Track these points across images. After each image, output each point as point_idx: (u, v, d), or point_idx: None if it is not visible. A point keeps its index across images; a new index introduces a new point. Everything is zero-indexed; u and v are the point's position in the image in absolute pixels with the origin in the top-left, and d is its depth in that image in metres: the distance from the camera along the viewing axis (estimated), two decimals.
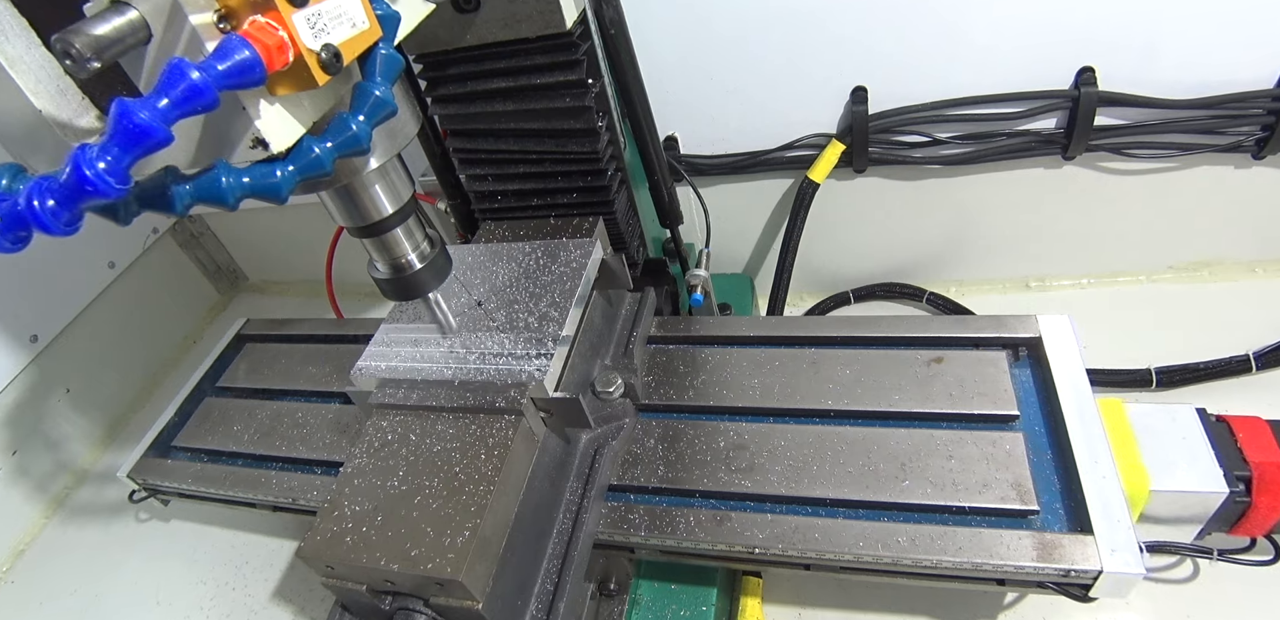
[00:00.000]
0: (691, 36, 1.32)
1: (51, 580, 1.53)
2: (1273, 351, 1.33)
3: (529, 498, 0.85)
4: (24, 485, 1.63)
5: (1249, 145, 1.30)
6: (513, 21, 0.91)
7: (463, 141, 1.07)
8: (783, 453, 0.96)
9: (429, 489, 0.80)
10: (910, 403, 0.99)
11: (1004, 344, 1.05)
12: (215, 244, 2.19)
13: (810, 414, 1.02)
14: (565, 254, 1.03)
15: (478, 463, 0.81)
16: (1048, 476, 0.90)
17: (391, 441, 0.86)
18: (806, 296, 1.76)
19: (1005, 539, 0.83)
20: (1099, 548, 0.80)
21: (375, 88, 0.58)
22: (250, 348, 1.46)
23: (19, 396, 1.61)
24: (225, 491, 1.18)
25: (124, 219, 0.52)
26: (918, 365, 1.03)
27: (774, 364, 1.08)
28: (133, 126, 0.42)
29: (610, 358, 1.08)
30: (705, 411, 1.05)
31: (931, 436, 0.94)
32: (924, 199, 1.51)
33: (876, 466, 0.92)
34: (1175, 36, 1.20)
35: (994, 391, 0.98)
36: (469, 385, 0.88)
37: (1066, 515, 0.86)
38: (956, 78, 1.30)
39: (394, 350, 0.96)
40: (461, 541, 0.74)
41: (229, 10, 0.48)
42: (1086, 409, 0.93)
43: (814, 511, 0.91)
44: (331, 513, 0.81)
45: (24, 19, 0.50)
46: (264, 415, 1.28)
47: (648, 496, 0.97)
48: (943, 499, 0.88)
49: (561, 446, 0.95)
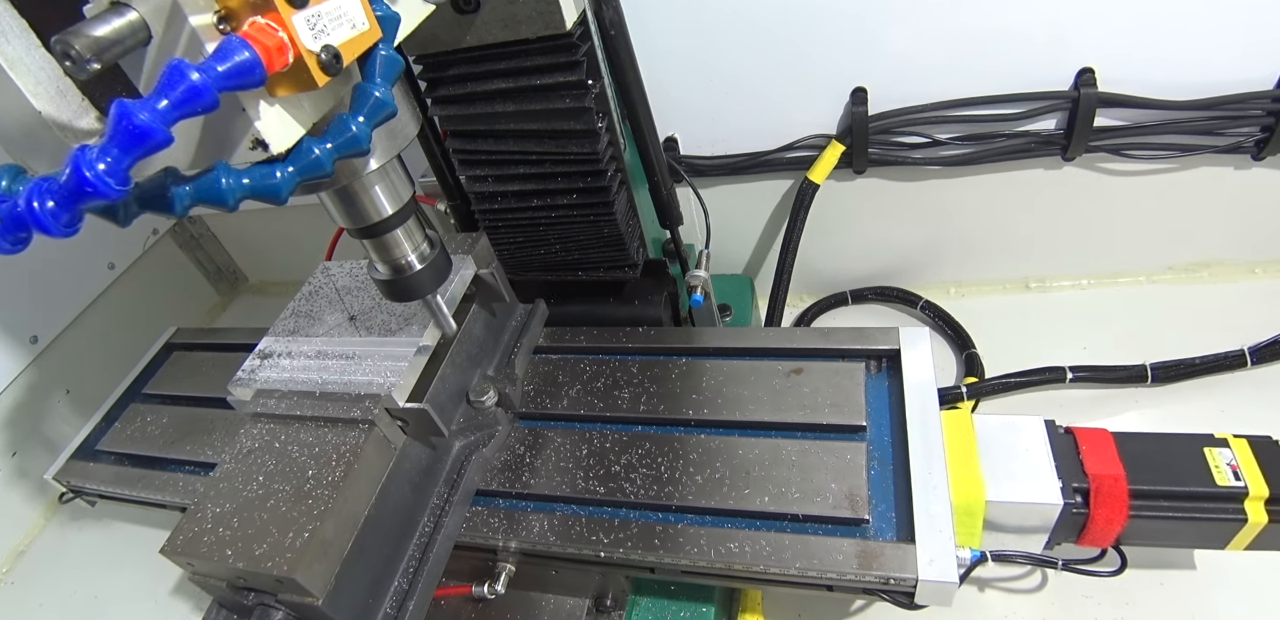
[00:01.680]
0: (691, 37, 1.32)
1: (51, 581, 1.53)
2: (1268, 347, 1.33)
3: (385, 501, 0.89)
4: (23, 487, 1.63)
5: (1248, 146, 1.30)
6: (512, 22, 0.91)
7: (462, 142, 1.07)
8: (639, 460, 1.00)
9: (281, 493, 0.85)
10: (765, 412, 1.02)
11: (865, 356, 1.08)
12: (215, 245, 2.19)
13: (673, 423, 1.05)
14: None
15: (328, 469, 0.86)
16: (886, 487, 0.93)
17: (258, 448, 0.91)
18: (806, 297, 1.76)
19: (833, 547, 0.85)
20: (918, 557, 0.82)
21: (375, 89, 0.58)
22: (177, 356, 1.52)
23: (19, 397, 1.61)
24: (139, 493, 1.23)
25: (124, 220, 0.52)
26: (778, 376, 1.06)
27: (648, 374, 1.12)
28: (132, 128, 0.42)
29: (493, 368, 1.11)
30: (578, 419, 1.09)
31: (779, 446, 0.97)
32: (924, 200, 1.51)
33: (723, 474, 0.96)
34: (1175, 37, 1.20)
35: (846, 402, 1.01)
36: (330, 396, 0.93)
37: (897, 525, 0.88)
38: (956, 79, 1.30)
39: (272, 361, 1.01)
40: (300, 542, 0.78)
41: (229, 11, 0.48)
42: (930, 420, 0.95)
43: (662, 517, 0.95)
44: (195, 514, 0.85)
45: (24, 20, 0.50)
46: (181, 421, 1.34)
47: (512, 501, 1.02)
48: (779, 507, 0.91)
49: (428, 453, 0.99)
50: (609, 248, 1.16)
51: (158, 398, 1.44)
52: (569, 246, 1.17)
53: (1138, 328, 1.49)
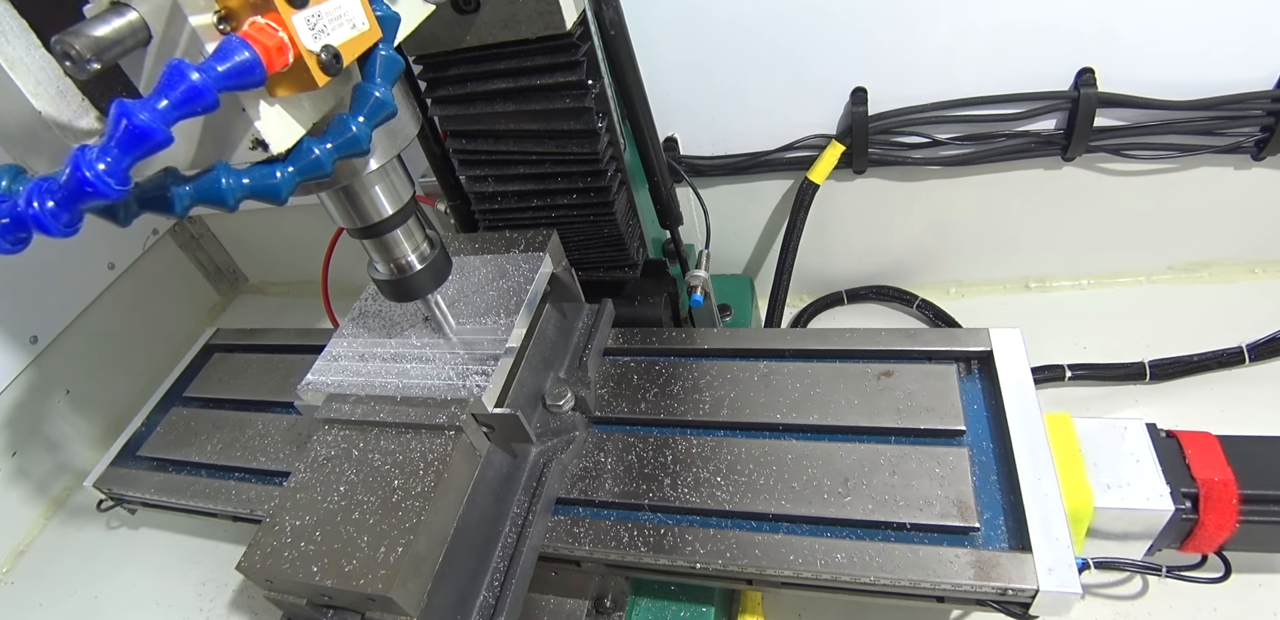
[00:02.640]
0: (691, 38, 1.32)
1: (51, 582, 1.53)
2: (1266, 344, 1.33)
3: (471, 512, 0.86)
4: (24, 486, 1.63)
5: (1248, 146, 1.30)
6: (512, 22, 0.91)
7: (462, 142, 1.07)
8: (729, 467, 0.96)
9: (367, 504, 0.81)
10: (857, 417, 0.99)
11: (955, 358, 1.04)
12: (215, 245, 2.19)
13: (759, 427, 1.02)
14: (514, 268, 1.04)
15: (415, 479, 0.82)
16: (991, 493, 0.90)
17: (335, 456, 0.87)
18: (806, 297, 1.76)
19: (944, 556, 0.82)
20: (1036, 566, 0.80)
21: (375, 89, 0.58)
22: (218, 357, 1.48)
23: (18, 397, 1.61)
24: (187, 502, 1.19)
25: (124, 220, 0.52)
26: (867, 379, 1.03)
27: (727, 377, 1.08)
28: (133, 128, 0.42)
29: (564, 370, 1.08)
30: (657, 424, 1.05)
31: (877, 451, 0.94)
32: (924, 200, 1.51)
33: (820, 481, 0.92)
34: (1175, 37, 1.20)
35: (941, 406, 0.97)
36: (412, 401, 0.89)
37: (1008, 533, 0.86)
38: (956, 79, 1.30)
39: (342, 364, 0.96)
40: (394, 558, 0.75)
41: (229, 11, 0.48)
42: (1033, 424, 0.93)
43: (757, 526, 0.91)
44: (272, 527, 0.81)
45: (24, 20, 0.50)
46: (228, 425, 1.28)
47: (595, 510, 0.97)
48: (884, 515, 0.88)
49: (508, 460, 0.96)
50: (609, 248, 1.16)
51: (199, 401, 1.40)
52: (569, 246, 1.16)
53: (1137, 328, 1.49)
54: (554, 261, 1.06)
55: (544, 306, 1.05)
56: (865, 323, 1.67)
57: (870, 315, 1.69)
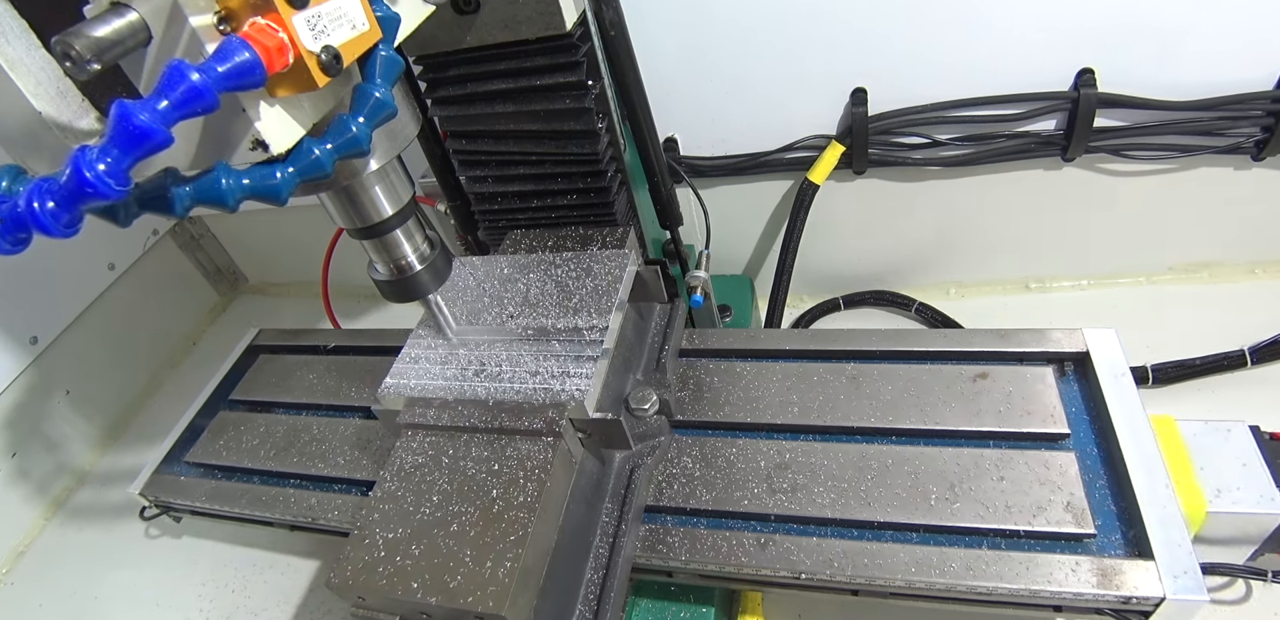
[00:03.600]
0: (691, 38, 1.32)
1: (51, 582, 1.53)
2: (1268, 347, 1.33)
3: (566, 522, 0.82)
4: (24, 487, 1.63)
5: (1248, 147, 1.30)
6: (512, 23, 0.91)
7: (463, 143, 1.07)
8: (827, 472, 0.92)
9: (466, 515, 0.77)
10: (956, 420, 0.95)
11: (1048, 359, 1.01)
12: (215, 246, 2.19)
13: (853, 432, 0.98)
14: (599, 266, 1.01)
15: (516, 488, 0.78)
16: (1102, 498, 0.87)
17: (423, 464, 0.83)
18: (806, 298, 1.76)
19: (1063, 564, 0.79)
20: (1161, 573, 0.77)
21: (375, 89, 0.58)
22: (264, 359, 1.41)
23: (18, 398, 1.61)
24: (242, 510, 1.14)
25: (124, 221, 0.52)
26: (962, 381, 0.99)
27: (812, 379, 1.03)
28: (133, 128, 0.42)
29: (642, 372, 1.03)
30: (743, 428, 1.01)
31: (980, 456, 0.91)
32: (924, 200, 1.51)
33: (925, 487, 0.89)
34: (1175, 38, 1.20)
35: (1041, 409, 0.94)
36: (504, 405, 0.85)
37: (1124, 539, 0.83)
38: (956, 79, 1.30)
39: (422, 367, 0.92)
40: (503, 573, 0.71)
41: (229, 12, 0.48)
42: (1140, 427, 0.90)
43: (860, 534, 0.87)
44: (362, 540, 0.77)
45: (24, 21, 0.50)
46: (280, 430, 1.23)
47: (685, 518, 0.94)
48: (996, 522, 0.84)
49: (598, 467, 0.92)
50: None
51: (247, 404, 1.34)
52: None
53: (1137, 328, 1.48)
54: (636, 258, 1.03)
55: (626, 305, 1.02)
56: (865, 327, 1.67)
57: (868, 320, 1.69)
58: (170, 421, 1.34)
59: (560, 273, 1.02)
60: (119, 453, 1.78)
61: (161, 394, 1.93)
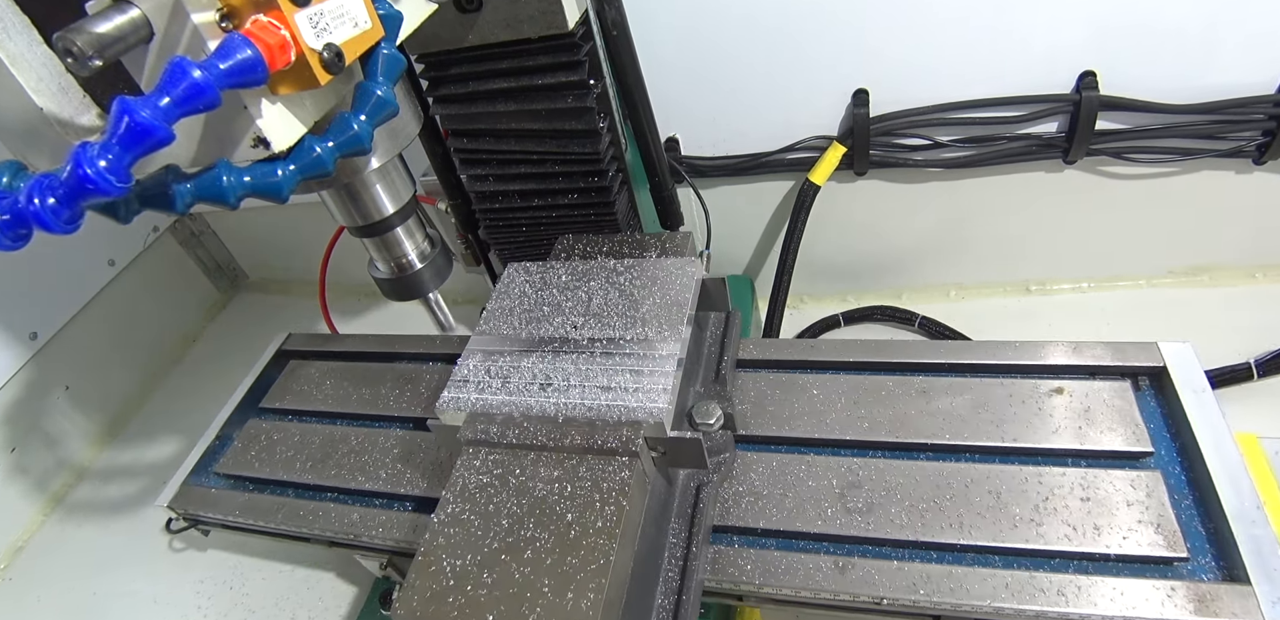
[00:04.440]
0: (693, 38, 1.32)
1: (49, 577, 1.53)
2: (1273, 359, 1.33)
3: (640, 546, 0.78)
4: (23, 482, 1.63)
5: (1250, 150, 1.30)
6: (515, 22, 0.91)
7: (464, 142, 1.07)
8: (902, 491, 0.88)
9: (540, 541, 0.72)
10: (1035, 437, 0.91)
11: (1123, 373, 0.97)
12: (216, 242, 2.19)
13: (925, 449, 0.94)
14: (665, 274, 0.96)
15: (593, 512, 0.73)
16: (1189, 519, 0.83)
17: (489, 484, 0.78)
18: (807, 298, 1.76)
19: (1158, 589, 0.76)
20: (1260, 599, 0.73)
21: (377, 87, 0.58)
22: (294, 365, 1.34)
23: (18, 394, 1.61)
24: (279, 525, 1.07)
25: (124, 217, 0.52)
26: (1038, 396, 0.95)
27: (880, 393, 0.99)
28: (134, 125, 0.42)
29: (700, 384, 0.99)
30: (808, 444, 0.97)
31: (1062, 475, 0.87)
32: (925, 202, 1.51)
33: (1007, 508, 0.84)
34: (1176, 41, 1.20)
35: (1123, 426, 0.90)
36: (574, 422, 0.80)
37: (1215, 563, 0.80)
38: (958, 81, 1.30)
39: (483, 379, 0.87)
40: (587, 604, 0.66)
41: (231, 9, 0.48)
42: (1225, 445, 0.86)
43: (940, 557, 0.83)
44: (428, 567, 0.72)
45: (26, 17, 0.50)
46: (316, 440, 1.16)
47: (754, 538, 0.89)
48: (1083, 545, 0.80)
49: (665, 487, 0.88)
50: None
51: (278, 412, 1.27)
52: None
53: (1137, 331, 1.49)
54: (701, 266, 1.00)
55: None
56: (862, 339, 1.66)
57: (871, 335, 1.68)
58: (170, 418, 1.34)
59: (624, 281, 0.97)
60: (118, 449, 1.78)
61: (161, 391, 1.93)
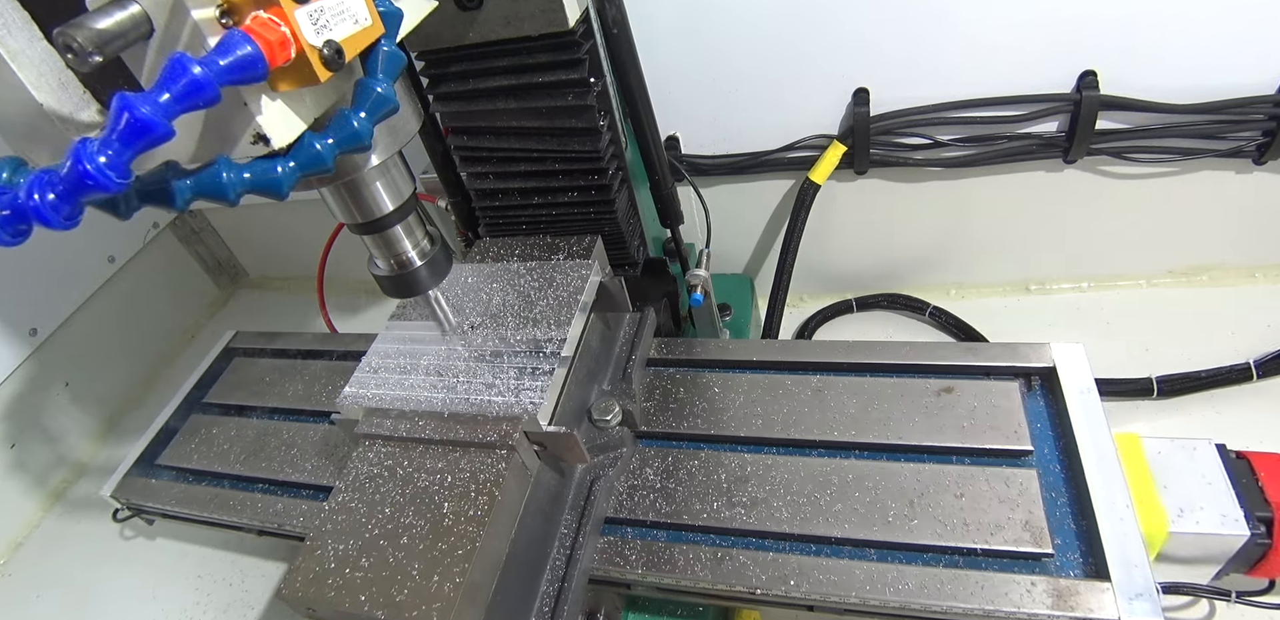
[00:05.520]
0: (694, 36, 1.32)
1: (49, 573, 1.53)
2: (1273, 360, 1.33)
3: (521, 534, 0.82)
4: (22, 478, 1.63)
5: (1250, 150, 1.30)
6: (515, 19, 0.91)
7: (464, 139, 1.07)
8: (787, 487, 0.92)
9: (416, 528, 0.77)
10: (919, 435, 0.94)
11: (1016, 373, 1.00)
12: (215, 239, 2.19)
13: (816, 445, 0.98)
14: (561, 276, 1.00)
15: (467, 501, 0.78)
16: (1062, 517, 0.86)
17: (378, 475, 0.83)
18: (807, 297, 1.76)
19: (1019, 584, 0.79)
20: (1117, 595, 0.77)
21: (377, 84, 0.58)
22: (239, 362, 1.42)
23: (17, 390, 1.61)
24: (210, 514, 1.15)
25: (124, 213, 0.52)
26: (927, 395, 0.99)
27: (778, 391, 1.03)
28: (134, 121, 0.42)
29: (608, 382, 1.03)
30: (706, 440, 1.01)
31: (941, 472, 0.90)
32: (925, 201, 1.51)
33: (884, 503, 0.88)
34: (1177, 41, 1.20)
35: (1006, 425, 0.93)
36: (459, 417, 0.85)
37: (1082, 559, 0.83)
38: (958, 80, 1.30)
39: (382, 376, 0.92)
40: (449, 588, 0.71)
41: (231, 5, 0.48)
42: (1103, 445, 0.89)
43: (818, 550, 0.87)
44: (314, 551, 0.77)
45: (26, 12, 0.50)
46: (251, 434, 1.23)
47: (645, 530, 0.93)
48: (954, 540, 0.84)
49: (556, 478, 0.92)
50: (609, 246, 1.16)
51: (220, 408, 1.35)
52: None
53: (1137, 331, 1.49)
54: (600, 268, 1.03)
55: (589, 316, 1.01)
56: (871, 330, 1.67)
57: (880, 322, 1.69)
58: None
59: (523, 283, 1.01)
60: (117, 445, 1.78)
61: (160, 387, 1.93)
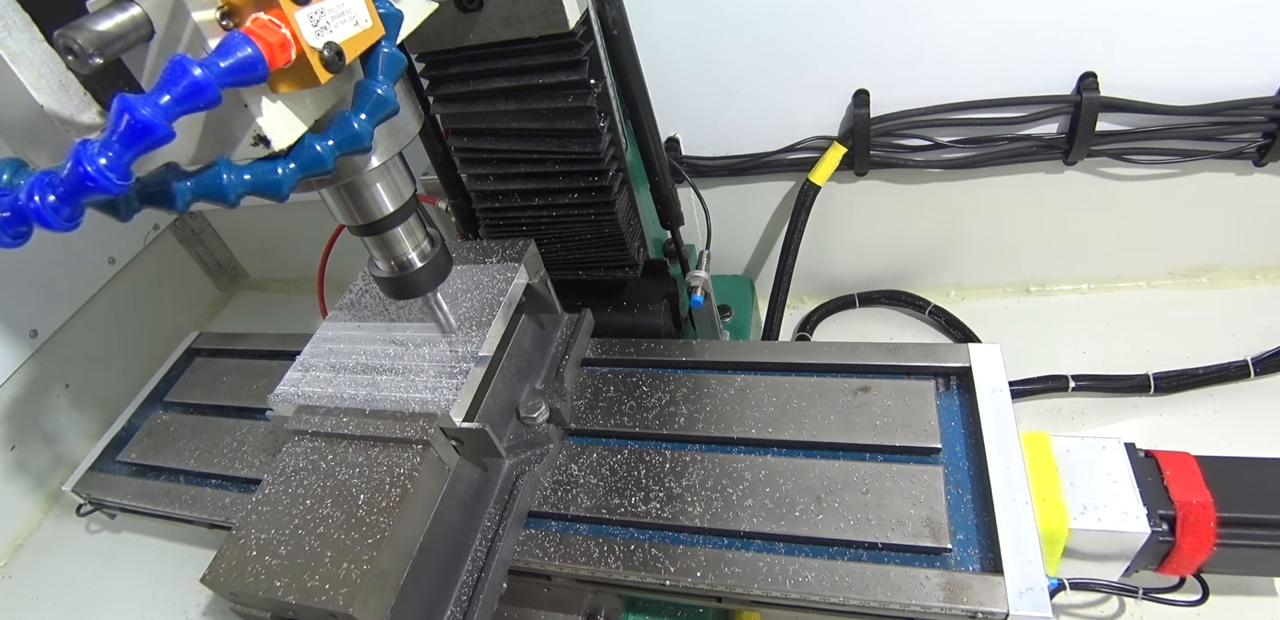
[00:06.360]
0: (694, 38, 1.32)
1: (48, 575, 1.53)
2: (1271, 357, 1.33)
3: (439, 525, 0.85)
4: (22, 480, 1.63)
5: (1250, 152, 1.30)
6: (515, 21, 0.91)
7: (464, 141, 1.07)
8: (702, 482, 0.96)
9: (332, 519, 0.80)
10: (833, 433, 0.97)
11: (934, 373, 1.03)
12: (216, 241, 2.19)
13: (735, 442, 1.01)
14: (489, 279, 1.02)
15: (381, 493, 0.81)
16: (966, 513, 0.89)
17: (303, 468, 0.86)
18: (807, 299, 1.76)
19: (915, 577, 0.81)
20: (1008, 589, 0.79)
21: (377, 86, 0.58)
22: (200, 362, 1.48)
23: (18, 391, 1.61)
24: (164, 508, 1.20)
25: (125, 215, 0.52)
26: (844, 394, 1.01)
27: (704, 390, 1.07)
28: (134, 123, 0.42)
29: (541, 382, 1.07)
30: (632, 437, 1.04)
31: (851, 469, 0.93)
32: (925, 202, 1.51)
33: (793, 498, 0.91)
34: (1177, 43, 1.20)
35: (918, 423, 0.96)
36: (380, 414, 0.88)
37: (980, 554, 0.85)
38: (958, 82, 1.30)
39: (314, 375, 0.95)
40: (356, 574, 0.74)
41: (232, 7, 0.48)
42: (1009, 443, 0.91)
43: (729, 543, 0.90)
44: (238, 540, 0.81)
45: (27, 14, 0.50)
46: (206, 431, 1.29)
47: (567, 524, 0.96)
48: (855, 534, 0.87)
49: (480, 473, 0.95)
50: (610, 247, 1.16)
51: (180, 406, 1.40)
52: (570, 245, 1.16)
53: (1137, 332, 1.49)
54: (530, 272, 1.05)
55: (519, 318, 1.04)
56: (871, 328, 1.67)
57: (878, 320, 1.69)
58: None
59: (453, 285, 1.03)
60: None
61: None
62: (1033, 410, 1.41)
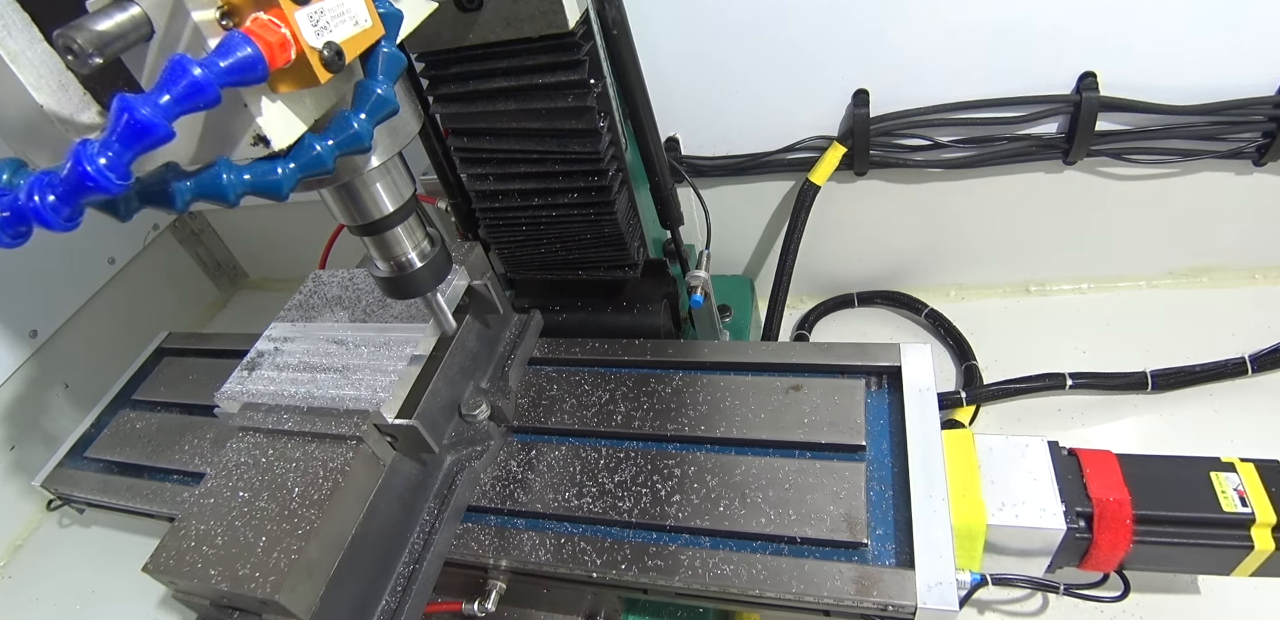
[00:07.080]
0: (694, 38, 1.32)
1: (48, 576, 1.53)
2: (1268, 354, 1.33)
3: (374, 519, 0.88)
4: (22, 480, 1.63)
5: (1250, 152, 1.30)
6: (515, 21, 0.91)
7: (464, 140, 1.07)
8: (633, 478, 0.98)
9: (267, 511, 0.83)
10: (762, 430, 1.00)
11: (866, 372, 1.06)
12: (215, 241, 2.19)
13: (668, 439, 1.03)
14: None
15: (314, 487, 0.84)
16: (885, 509, 0.90)
17: (244, 463, 0.89)
18: (807, 299, 1.76)
19: (830, 572, 0.84)
20: (918, 583, 0.80)
21: (377, 86, 0.58)
22: (168, 361, 1.51)
23: (17, 391, 1.61)
24: (127, 502, 1.24)
25: (124, 215, 0.52)
26: (776, 392, 1.04)
27: (643, 388, 1.10)
28: (134, 122, 0.42)
29: (487, 380, 1.10)
30: (571, 434, 1.07)
31: (777, 465, 0.95)
32: (925, 202, 1.51)
33: (719, 494, 0.94)
34: (1177, 42, 1.20)
35: (845, 421, 0.98)
36: (319, 411, 0.91)
37: (896, 549, 0.86)
38: (958, 82, 1.30)
39: (259, 373, 0.99)
40: (285, 563, 0.77)
41: (231, 7, 0.48)
42: (931, 440, 0.93)
43: (656, 537, 0.93)
44: (179, 531, 0.84)
45: (26, 13, 0.50)
46: (170, 429, 1.33)
47: (505, 518, 0.99)
48: (776, 529, 0.89)
49: (418, 468, 0.97)
50: (609, 247, 1.16)
51: (147, 404, 1.43)
52: (569, 246, 1.17)
53: (1137, 332, 1.49)
54: (473, 274, 1.06)
55: (463, 318, 1.06)
56: (868, 328, 1.67)
57: (875, 321, 1.69)
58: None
59: None
60: None
61: None
62: (1030, 409, 1.41)
